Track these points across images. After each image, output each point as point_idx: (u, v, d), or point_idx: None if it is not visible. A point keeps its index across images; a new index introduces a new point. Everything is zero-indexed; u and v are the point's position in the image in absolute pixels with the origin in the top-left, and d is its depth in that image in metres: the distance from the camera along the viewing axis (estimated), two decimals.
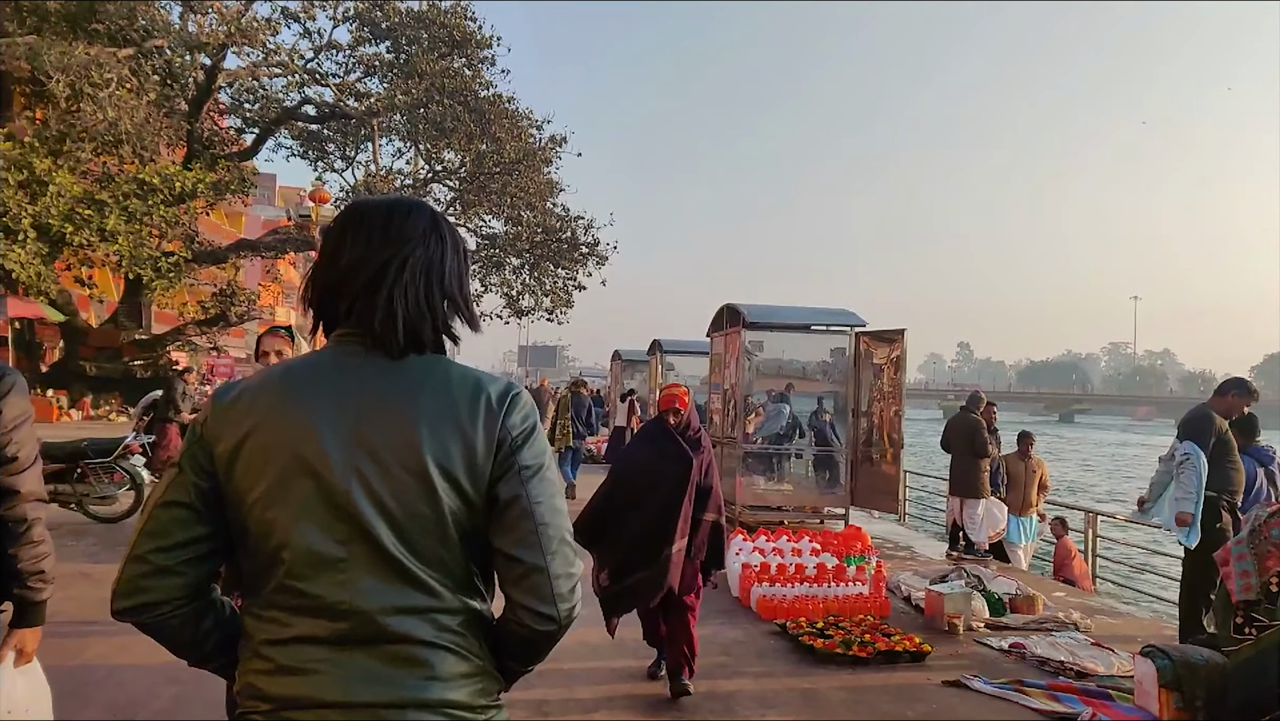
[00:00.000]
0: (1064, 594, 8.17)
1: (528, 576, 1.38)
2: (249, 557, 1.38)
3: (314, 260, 1.60)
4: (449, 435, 1.36)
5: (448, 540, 1.35)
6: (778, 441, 11.92)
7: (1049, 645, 5.89)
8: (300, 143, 28.51)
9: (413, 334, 1.41)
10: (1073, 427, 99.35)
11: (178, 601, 1.37)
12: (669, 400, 4.97)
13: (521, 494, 1.38)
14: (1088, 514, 11.13)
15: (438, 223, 1.48)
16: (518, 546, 1.37)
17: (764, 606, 6.65)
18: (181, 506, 1.36)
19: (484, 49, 25.94)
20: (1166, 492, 6.05)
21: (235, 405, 1.38)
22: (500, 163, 25.78)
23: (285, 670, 1.32)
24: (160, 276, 21.33)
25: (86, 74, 18.31)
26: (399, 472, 1.33)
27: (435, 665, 1.33)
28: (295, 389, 1.38)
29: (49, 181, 18.36)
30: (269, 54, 24.08)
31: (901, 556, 9.67)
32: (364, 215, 1.46)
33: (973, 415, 10.13)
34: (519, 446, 1.39)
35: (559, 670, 5.17)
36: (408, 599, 1.33)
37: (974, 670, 5.45)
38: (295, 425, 1.35)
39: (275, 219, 44.02)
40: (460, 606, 1.37)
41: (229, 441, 1.36)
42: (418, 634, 1.33)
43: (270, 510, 1.33)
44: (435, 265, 1.44)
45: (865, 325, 11.37)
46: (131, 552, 1.36)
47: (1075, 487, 32.32)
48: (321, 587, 1.32)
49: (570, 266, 28.16)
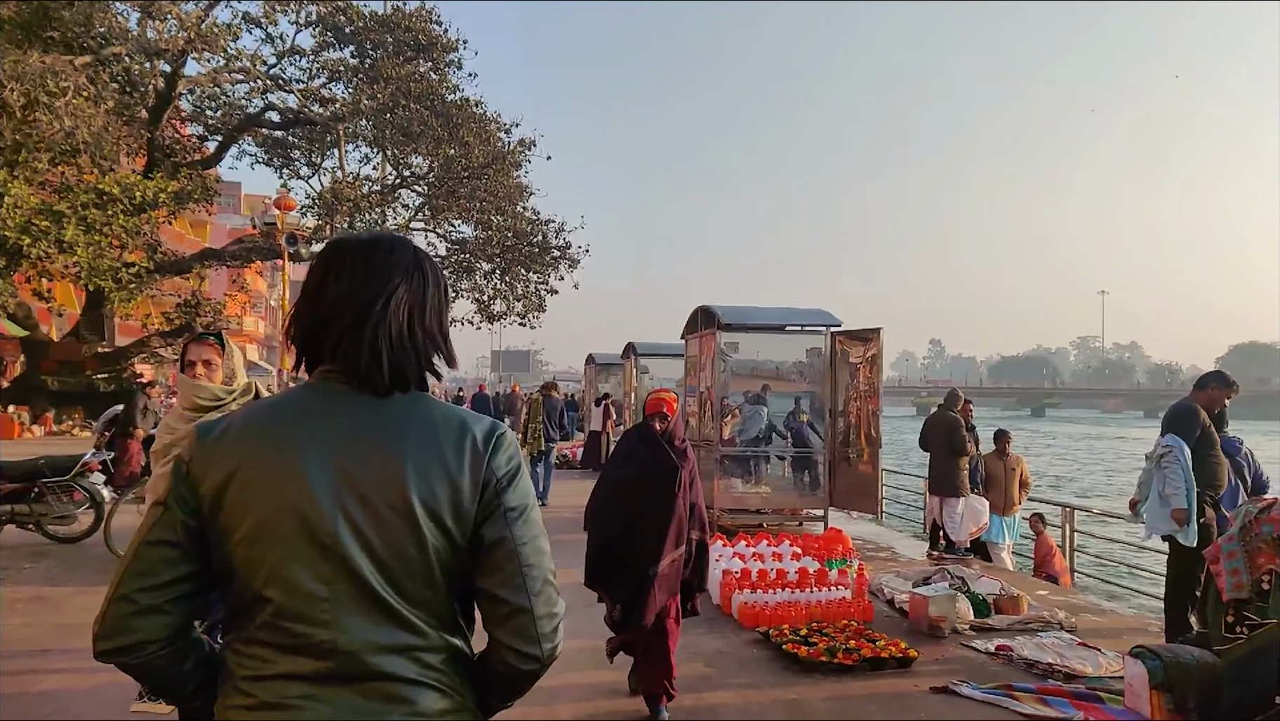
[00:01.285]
0: (1047, 592, 8.12)
1: (513, 617, 1.40)
2: (232, 595, 1.38)
3: (297, 297, 1.55)
4: (435, 476, 1.37)
5: (433, 580, 1.37)
6: (755, 444, 11.80)
7: (1036, 646, 5.81)
8: (265, 150, 28.05)
9: (397, 371, 1.42)
10: (1044, 421, 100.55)
11: (163, 641, 1.37)
12: (656, 404, 4.77)
13: (507, 535, 1.40)
14: (1065, 508, 11.13)
15: (420, 259, 1.50)
16: (503, 587, 1.39)
17: (746, 614, 6.52)
18: (169, 545, 1.36)
19: (449, 52, 25.67)
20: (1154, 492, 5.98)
21: (220, 442, 1.38)
22: (469, 167, 25.46)
23: (266, 706, 1.32)
24: (121, 288, 20.86)
25: (42, 82, 17.85)
26: (386, 513, 1.34)
27: (418, 702, 1.34)
28: (281, 426, 1.39)
29: (4, 193, 17.87)
30: (230, 59, 23.63)
31: (883, 557, 9.58)
32: (346, 252, 1.47)
33: (951, 413, 10.08)
34: (504, 488, 1.42)
35: (539, 686, 5.00)
36: (392, 637, 1.34)
37: (962, 675, 5.34)
38: (281, 463, 1.35)
39: (241, 227, 43.36)
40: (443, 644, 1.39)
41: (215, 479, 1.36)
42: (401, 672, 1.34)
43: (256, 548, 1.34)
44: (417, 301, 1.46)
45: (840, 325, 11.31)
46: (116, 593, 1.35)
47: (1054, 482, 32.50)
48: (306, 626, 1.32)
49: (542, 270, 27.92)
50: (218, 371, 3.16)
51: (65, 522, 9.01)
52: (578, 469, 18.01)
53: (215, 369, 3.16)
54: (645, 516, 4.50)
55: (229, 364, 3.20)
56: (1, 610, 6.39)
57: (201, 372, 3.14)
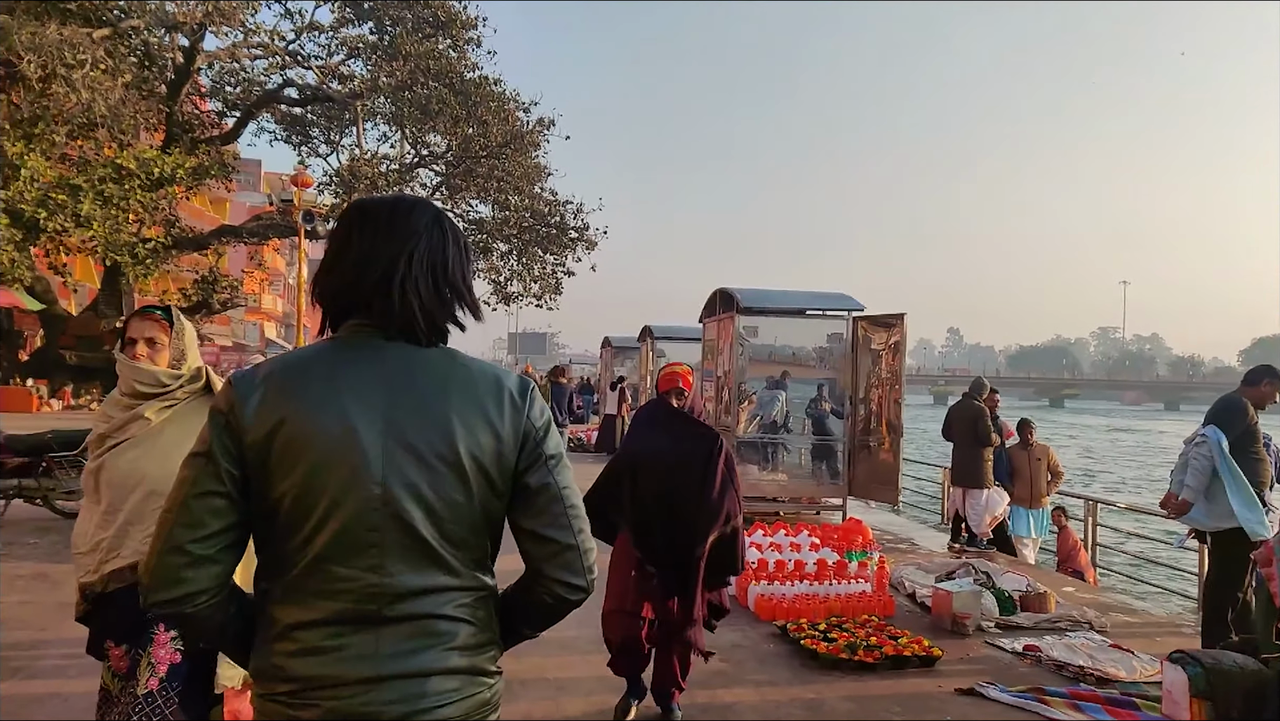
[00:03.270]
0: (1074, 589, 7.85)
1: (561, 554, 1.52)
2: (274, 543, 1.42)
3: (321, 258, 1.59)
4: (480, 428, 1.46)
5: (476, 525, 1.46)
6: (772, 430, 11.56)
7: (1066, 647, 5.56)
8: (284, 127, 27.87)
9: (432, 322, 1.49)
10: (1064, 412, 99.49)
11: (214, 590, 1.41)
12: (670, 379, 4.35)
13: (550, 481, 1.52)
14: (1088, 502, 10.85)
15: (439, 217, 1.55)
16: (550, 527, 1.51)
17: (762, 606, 6.30)
18: (216, 495, 1.39)
19: (469, 29, 25.36)
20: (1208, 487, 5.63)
21: (262, 393, 1.41)
22: (487, 146, 25.21)
23: (313, 651, 1.37)
24: (138, 262, 20.81)
25: (59, 55, 17.73)
26: (435, 463, 1.42)
27: (456, 636, 1.44)
28: (324, 379, 1.43)
29: (21, 165, 17.79)
30: (248, 34, 23.46)
31: (902, 549, 9.34)
32: (368, 212, 1.53)
33: (976, 402, 9.80)
34: (542, 439, 1.53)
35: (545, 680, 4.82)
36: (435, 580, 1.42)
37: (988, 676, 5.11)
38: (330, 416, 1.39)
39: (261, 205, 43.36)
40: (478, 584, 1.48)
41: (258, 432, 1.39)
42: (441, 610, 1.43)
43: (306, 497, 1.38)
44: (439, 256, 1.51)
45: (863, 309, 11.02)
46: (167, 545, 1.39)
47: (1082, 477, 31.77)
48: (354, 570, 1.38)
49: (559, 252, 27.68)
50: (163, 352, 2.70)
51: (73, 498, 8.88)
52: (591, 452, 17.83)
53: (160, 349, 2.69)
54: (686, 497, 4.08)
55: (178, 344, 2.73)
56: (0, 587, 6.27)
57: (143, 353, 2.68)
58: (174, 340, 2.72)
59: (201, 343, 31.27)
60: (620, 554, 4.26)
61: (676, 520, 4.09)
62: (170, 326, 2.73)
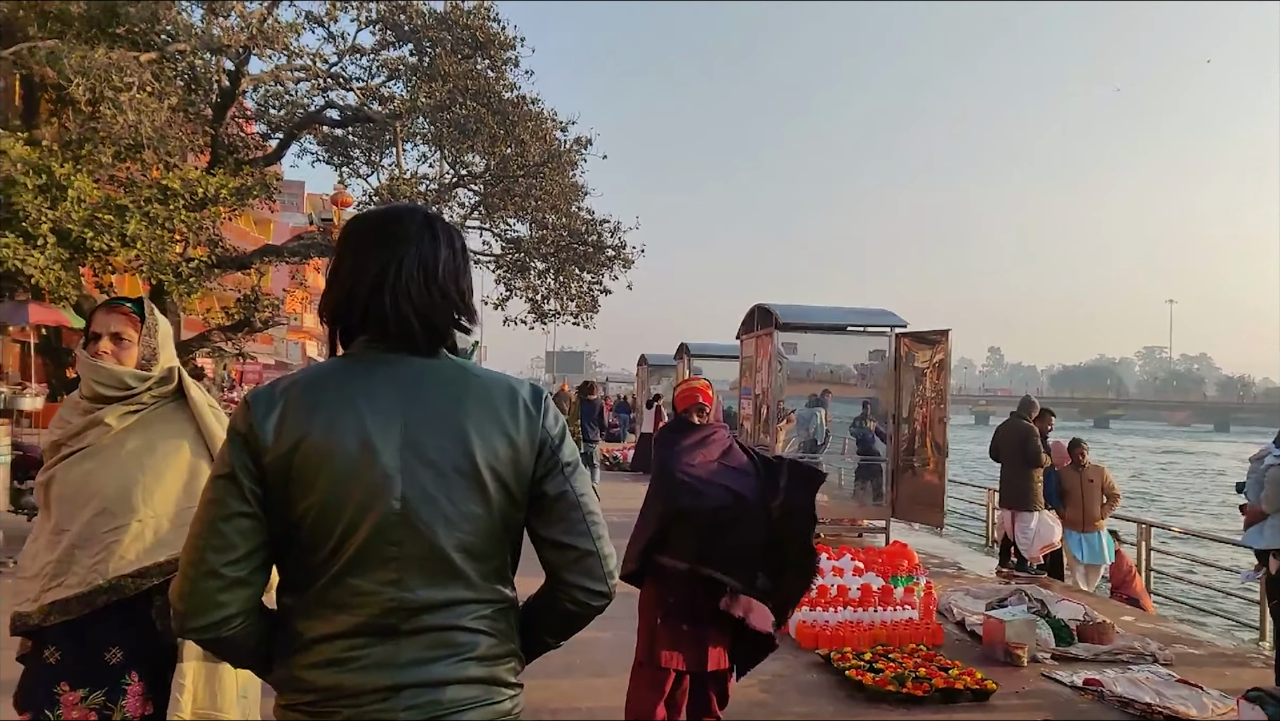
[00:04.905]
0: (1133, 618, 7.49)
1: (582, 560, 1.52)
2: (296, 559, 1.43)
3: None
4: (496, 438, 1.46)
5: (495, 536, 1.46)
6: (812, 449, 11.28)
7: (1129, 682, 5.25)
8: (325, 148, 28.29)
9: (429, 328, 1.48)
10: (1108, 433, 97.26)
11: (248, 612, 1.42)
12: (689, 396, 3.97)
13: (568, 489, 1.52)
14: (1140, 525, 10.44)
15: (430, 222, 1.55)
16: (569, 535, 1.51)
17: (804, 633, 6.06)
18: (244, 516, 1.40)
19: (507, 50, 25.57)
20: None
21: (280, 413, 1.42)
22: (525, 165, 25.35)
23: (333, 662, 1.39)
24: (181, 281, 21.18)
25: (108, 78, 18.15)
26: (453, 475, 1.42)
27: (475, 647, 1.44)
28: (340, 396, 1.44)
29: (68, 186, 18.20)
30: (291, 56, 23.88)
31: (949, 573, 9.02)
32: (359, 226, 1.57)
33: (1024, 421, 9.48)
34: (558, 446, 1.52)
35: (577, 708, 4.63)
36: (454, 593, 1.43)
37: (1046, 712, 4.83)
38: (347, 432, 1.40)
39: (303, 226, 44.14)
40: (498, 596, 1.48)
41: (277, 450, 1.40)
42: (460, 622, 1.43)
43: (325, 515, 1.39)
44: (430, 263, 1.50)
45: (906, 326, 10.75)
46: (200, 569, 1.39)
47: (1136, 500, 30.51)
48: (374, 585, 1.39)
49: (595, 270, 27.69)
50: (131, 350, 2.36)
51: None
52: (628, 471, 17.65)
53: (128, 346, 2.37)
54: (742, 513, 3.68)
55: (149, 341, 2.40)
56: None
57: (108, 349, 2.34)
58: (144, 336, 2.39)
59: (244, 360, 31.76)
60: (646, 602, 3.85)
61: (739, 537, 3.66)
62: (142, 321, 2.41)
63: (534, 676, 1.56)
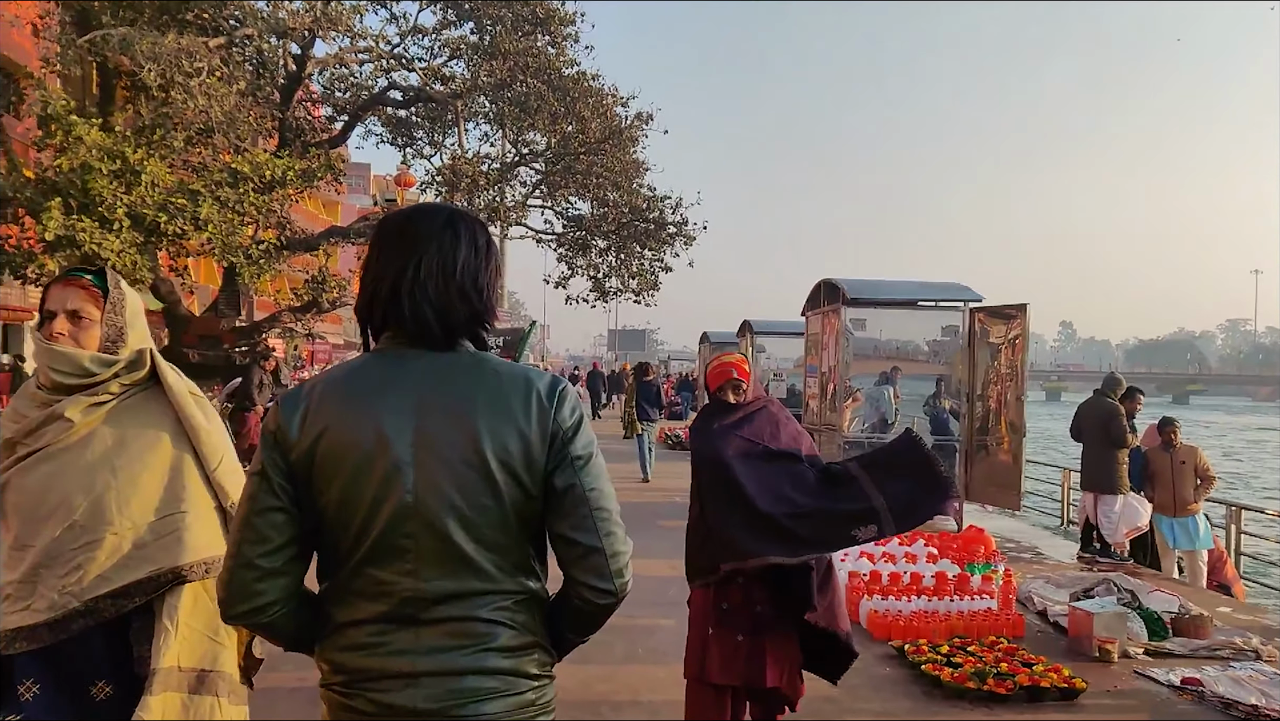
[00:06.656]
0: (1230, 610, 7.04)
1: (586, 557, 1.52)
2: (326, 547, 1.52)
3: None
4: (507, 431, 1.47)
5: (508, 528, 1.48)
6: (881, 429, 10.94)
7: (1232, 681, 4.88)
8: (389, 129, 28.59)
9: (445, 324, 1.51)
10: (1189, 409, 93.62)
11: (285, 600, 1.49)
12: (723, 373, 3.52)
13: (576, 482, 1.51)
14: (1230, 508, 9.89)
15: (454, 221, 1.58)
16: (575, 530, 1.52)
17: (875, 623, 5.81)
18: (276, 511, 1.47)
19: (567, 26, 25.39)
20: None
21: (305, 411, 1.49)
22: (585, 143, 25.22)
23: (359, 647, 1.46)
24: (251, 263, 21.66)
25: (178, 63, 18.54)
26: (462, 468, 1.45)
27: (495, 638, 1.47)
28: (360, 392, 1.50)
29: (142, 171, 18.67)
30: (355, 38, 24.11)
31: (1027, 559, 8.65)
32: (386, 227, 1.62)
33: (1108, 399, 9.00)
34: (570, 439, 1.52)
35: (638, 702, 4.47)
36: (469, 584, 1.46)
37: (1141, 713, 4.52)
38: (364, 428, 1.46)
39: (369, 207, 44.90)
40: (518, 588, 1.50)
41: (302, 446, 1.47)
42: (477, 613, 1.46)
43: (344, 507, 1.46)
44: (449, 261, 1.53)
45: (981, 300, 10.30)
46: (238, 560, 1.47)
47: (1228, 479, 28.83)
48: (392, 575, 1.45)
49: (656, 248, 27.47)
50: (93, 329, 2.01)
51: None
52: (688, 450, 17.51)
53: (88, 325, 2.01)
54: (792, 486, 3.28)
55: (113, 319, 2.04)
56: None
57: (64, 330, 1.99)
58: (108, 314, 2.03)
59: (313, 340, 32.42)
60: (697, 611, 3.43)
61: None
62: (104, 295, 2.04)
63: (597, 663, 1.61)
